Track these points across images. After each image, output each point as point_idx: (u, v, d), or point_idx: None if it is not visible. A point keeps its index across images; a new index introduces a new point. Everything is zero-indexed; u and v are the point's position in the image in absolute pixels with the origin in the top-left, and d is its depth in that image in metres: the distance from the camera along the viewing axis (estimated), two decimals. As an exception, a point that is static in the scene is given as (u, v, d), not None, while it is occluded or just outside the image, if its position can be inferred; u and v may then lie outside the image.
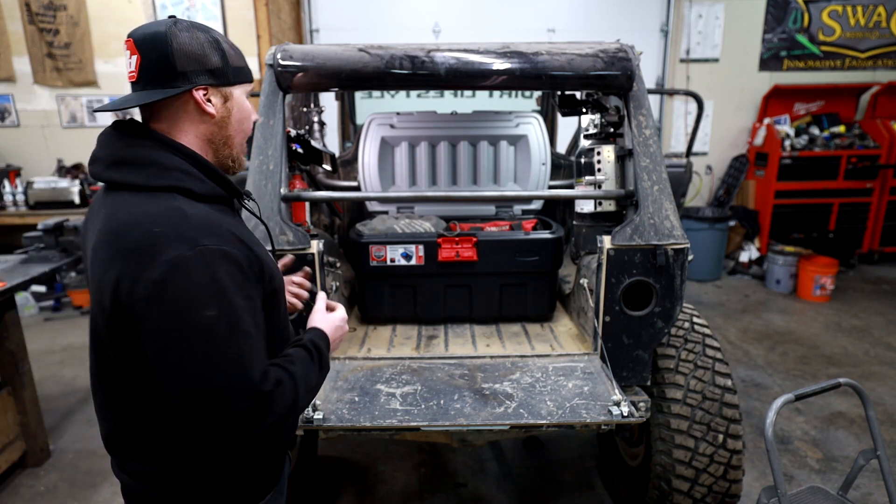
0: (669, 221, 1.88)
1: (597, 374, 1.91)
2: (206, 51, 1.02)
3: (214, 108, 1.04)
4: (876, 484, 2.59)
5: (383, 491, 2.63)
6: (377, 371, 1.96)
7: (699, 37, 6.21)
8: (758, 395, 3.46)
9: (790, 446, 2.93)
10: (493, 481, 2.69)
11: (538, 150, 2.84)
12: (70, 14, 5.54)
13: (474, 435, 1.85)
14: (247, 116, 1.12)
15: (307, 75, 1.90)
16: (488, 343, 2.25)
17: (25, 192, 5.26)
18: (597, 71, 1.93)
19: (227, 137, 1.09)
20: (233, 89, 1.07)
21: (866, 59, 6.39)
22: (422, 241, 2.29)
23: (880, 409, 3.26)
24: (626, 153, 2.07)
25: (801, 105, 6.37)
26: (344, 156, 3.34)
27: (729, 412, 1.95)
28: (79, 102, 5.81)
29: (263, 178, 1.89)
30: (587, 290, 2.10)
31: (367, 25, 5.90)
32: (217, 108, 1.05)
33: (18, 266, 2.78)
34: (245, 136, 1.13)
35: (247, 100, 1.12)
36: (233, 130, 1.10)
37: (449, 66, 1.90)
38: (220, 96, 1.05)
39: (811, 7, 6.21)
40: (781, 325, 4.60)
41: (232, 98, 1.07)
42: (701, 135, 6.37)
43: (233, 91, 1.07)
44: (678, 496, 1.99)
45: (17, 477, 2.73)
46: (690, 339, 2.07)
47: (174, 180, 0.99)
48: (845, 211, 6.02)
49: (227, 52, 1.06)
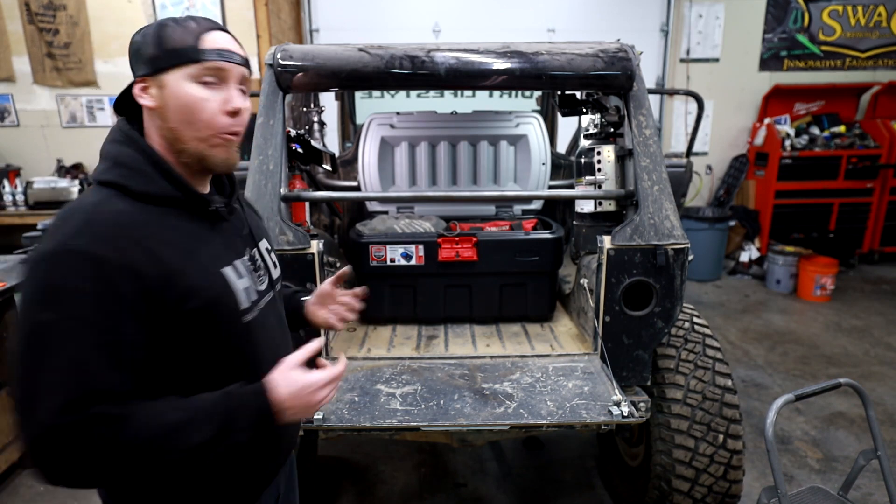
0: (669, 221, 1.88)
1: (597, 374, 1.91)
2: (147, 40, 0.94)
3: (153, 99, 0.95)
4: (876, 484, 2.59)
5: (383, 491, 2.62)
6: (377, 371, 1.95)
7: (699, 37, 6.21)
8: (758, 395, 3.46)
9: (790, 446, 2.93)
10: (493, 481, 2.69)
11: (538, 150, 2.84)
12: (70, 14, 5.53)
13: (474, 435, 1.85)
14: (190, 104, 0.94)
15: (307, 75, 1.90)
16: (488, 343, 2.25)
17: (25, 192, 5.26)
18: (597, 71, 1.92)
19: (172, 130, 0.95)
20: (166, 75, 0.93)
21: (866, 58, 6.39)
22: (422, 241, 2.29)
23: (880, 409, 3.26)
24: (626, 153, 2.06)
25: (801, 105, 6.37)
26: (344, 156, 3.34)
27: (729, 412, 1.95)
28: (79, 102, 5.81)
29: (263, 177, 1.89)
30: (587, 290, 2.10)
31: (367, 25, 5.90)
32: (155, 100, 0.95)
33: (18, 266, 2.78)
34: (200, 127, 0.95)
35: (193, 85, 0.94)
36: (174, 122, 0.95)
37: (449, 66, 1.90)
38: (156, 86, 0.94)
39: (811, 7, 6.21)
40: (781, 325, 4.60)
41: (166, 86, 0.93)
42: (701, 135, 6.37)
43: (166, 77, 0.93)
44: (678, 496, 1.99)
45: (17, 477, 2.73)
46: (690, 339, 2.07)
47: (116, 176, 0.93)
48: (845, 211, 6.02)
49: (167, 36, 0.93)
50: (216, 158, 0.98)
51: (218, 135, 0.97)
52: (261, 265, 1.12)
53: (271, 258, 1.18)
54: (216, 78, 0.95)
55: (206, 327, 0.95)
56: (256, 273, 1.09)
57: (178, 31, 0.94)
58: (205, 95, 0.94)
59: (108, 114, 5.86)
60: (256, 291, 1.07)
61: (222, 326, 0.97)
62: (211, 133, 0.96)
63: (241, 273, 1.03)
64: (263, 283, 1.10)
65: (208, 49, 0.94)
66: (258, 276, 1.09)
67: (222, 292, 0.97)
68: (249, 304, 1.02)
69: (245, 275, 1.04)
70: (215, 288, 0.96)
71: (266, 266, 1.14)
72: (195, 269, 0.94)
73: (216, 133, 0.96)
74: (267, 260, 1.16)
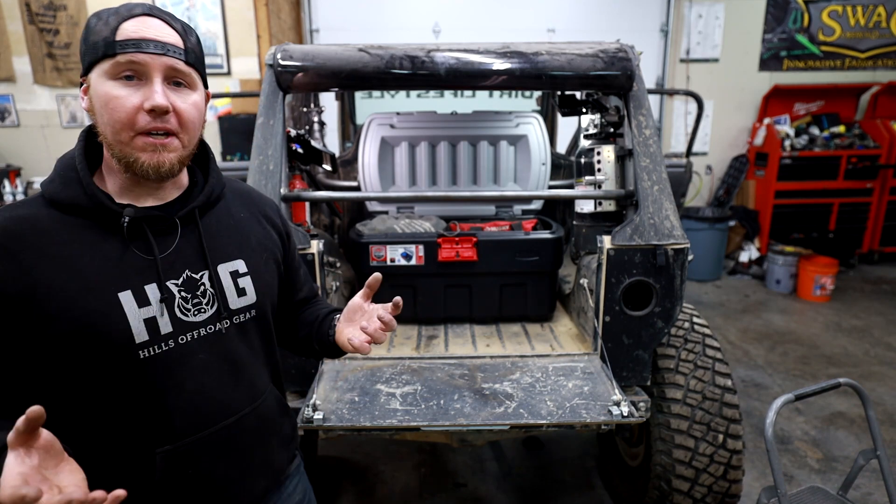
0: (669, 221, 1.88)
1: (597, 374, 1.91)
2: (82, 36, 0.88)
3: (86, 101, 0.89)
4: (876, 484, 2.59)
5: (383, 491, 2.63)
6: (377, 371, 1.96)
7: (699, 37, 6.21)
8: (758, 395, 3.46)
9: (790, 446, 2.93)
10: (493, 481, 2.69)
11: (538, 150, 2.84)
12: (70, 14, 5.54)
13: (474, 435, 1.85)
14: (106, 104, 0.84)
15: (307, 75, 1.90)
16: (488, 343, 2.25)
17: (25, 192, 5.27)
18: (597, 71, 1.93)
19: (102, 134, 0.87)
20: (91, 74, 0.86)
21: (866, 59, 6.39)
22: (422, 241, 2.29)
23: (880, 409, 3.26)
24: (626, 153, 2.07)
25: (801, 105, 6.37)
26: (344, 156, 3.35)
27: (729, 412, 1.95)
28: (79, 102, 5.81)
29: (263, 178, 1.89)
30: (587, 290, 2.10)
31: (367, 25, 5.90)
32: (87, 101, 0.89)
33: None
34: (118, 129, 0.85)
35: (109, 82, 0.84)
36: (101, 124, 0.86)
37: (449, 66, 1.90)
38: (88, 86, 0.88)
39: (811, 7, 6.21)
40: (781, 325, 4.60)
41: (91, 85, 0.86)
42: (701, 135, 6.37)
43: (91, 76, 0.86)
44: (678, 496, 1.99)
45: (17, 477, 2.73)
46: (690, 339, 2.07)
47: (45, 182, 0.91)
48: (845, 211, 6.02)
49: (90, 29, 0.85)
50: (142, 164, 0.86)
51: (139, 136, 0.85)
52: (205, 292, 0.96)
53: (239, 283, 1.01)
54: (133, 72, 0.84)
55: (78, 357, 0.85)
56: (192, 300, 0.94)
57: (99, 24, 0.84)
58: (120, 93, 0.84)
59: (108, 114, 5.87)
60: (180, 323, 0.92)
61: (100, 359, 0.86)
62: (131, 135, 0.85)
63: (147, 300, 0.88)
64: (201, 314, 0.95)
65: (122, 40, 0.83)
66: (194, 303, 0.94)
67: (105, 320, 0.85)
68: (149, 336, 0.88)
69: (155, 303, 0.89)
70: (95, 314, 0.84)
71: (218, 293, 0.97)
72: (75, 290, 0.84)
73: (136, 134, 0.85)
74: (224, 286, 0.98)
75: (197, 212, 0.97)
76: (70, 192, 0.87)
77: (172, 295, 0.92)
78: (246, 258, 1.03)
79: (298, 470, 1.22)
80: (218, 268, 0.98)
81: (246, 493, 1.03)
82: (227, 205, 1.06)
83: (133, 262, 0.89)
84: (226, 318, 0.98)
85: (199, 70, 0.93)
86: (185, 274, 0.94)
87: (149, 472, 0.91)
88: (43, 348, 0.84)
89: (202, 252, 0.96)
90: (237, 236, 1.04)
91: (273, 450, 1.09)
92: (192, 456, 0.94)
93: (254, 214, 1.11)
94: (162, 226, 0.93)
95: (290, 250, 1.19)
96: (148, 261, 0.90)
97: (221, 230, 1.02)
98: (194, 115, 0.91)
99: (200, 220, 0.97)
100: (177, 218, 0.94)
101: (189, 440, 0.93)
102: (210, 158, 1.04)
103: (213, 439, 0.96)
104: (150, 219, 0.91)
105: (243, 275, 1.02)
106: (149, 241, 0.91)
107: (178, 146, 0.89)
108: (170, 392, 0.91)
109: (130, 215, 0.88)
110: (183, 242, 0.95)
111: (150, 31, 0.85)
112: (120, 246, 0.89)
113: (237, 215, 1.07)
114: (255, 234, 1.08)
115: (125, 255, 0.89)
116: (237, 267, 1.01)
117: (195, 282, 0.95)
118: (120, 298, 0.87)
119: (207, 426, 0.95)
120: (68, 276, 0.84)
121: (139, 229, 0.90)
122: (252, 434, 1.02)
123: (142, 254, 0.90)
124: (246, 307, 1.02)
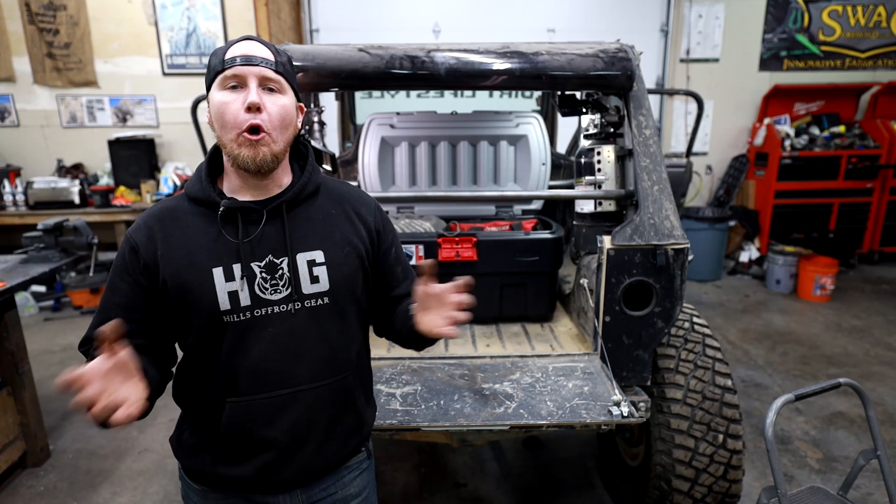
0: (669, 221, 1.88)
1: (597, 374, 1.91)
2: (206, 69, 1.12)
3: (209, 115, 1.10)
4: (876, 484, 2.59)
5: (383, 491, 2.62)
6: (377, 371, 1.95)
7: (699, 37, 6.22)
8: (758, 395, 3.46)
9: (790, 446, 2.93)
10: (493, 481, 2.69)
11: (538, 150, 2.84)
12: (70, 14, 5.54)
13: (474, 435, 1.85)
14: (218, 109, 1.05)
15: (307, 75, 1.90)
16: (488, 343, 2.25)
17: (25, 192, 5.26)
18: (597, 71, 1.93)
19: (218, 138, 1.08)
20: (211, 92, 1.08)
21: (866, 59, 6.39)
22: (422, 241, 2.29)
23: (880, 409, 3.26)
24: (626, 153, 2.06)
25: (801, 105, 6.37)
26: (344, 156, 3.34)
27: (729, 412, 1.95)
28: (79, 102, 5.81)
29: (263, 178, 1.89)
30: (587, 290, 2.10)
31: (367, 25, 5.90)
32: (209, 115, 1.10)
33: (18, 266, 2.77)
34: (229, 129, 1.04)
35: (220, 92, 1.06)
36: (217, 130, 1.07)
37: (449, 66, 1.90)
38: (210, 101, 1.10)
39: (811, 7, 6.21)
40: (781, 325, 4.60)
41: (210, 100, 1.09)
42: (701, 135, 6.37)
43: (210, 93, 1.08)
44: (678, 496, 1.99)
45: (17, 477, 2.73)
46: (690, 339, 2.07)
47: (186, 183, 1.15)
48: (845, 211, 6.02)
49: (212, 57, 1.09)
50: (243, 158, 1.04)
51: (242, 133, 1.03)
52: (283, 275, 1.10)
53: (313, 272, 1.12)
54: (236, 81, 1.05)
55: (183, 314, 1.08)
56: (270, 281, 1.09)
57: (219, 51, 1.07)
58: (227, 98, 1.04)
59: (108, 114, 5.87)
60: (257, 298, 1.08)
61: (197, 318, 1.07)
62: (237, 132, 1.04)
63: (233, 276, 1.07)
64: (276, 294, 1.09)
65: (229, 58, 1.05)
66: (272, 284, 1.09)
67: (200, 289, 1.06)
68: (231, 306, 1.06)
69: (237, 279, 1.07)
70: (194, 283, 1.06)
71: (293, 277, 1.10)
72: (184, 263, 1.06)
73: (240, 131, 1.03)
74: (300, 272, 1.11)
75: (284, 206, 1.12)
76: (195, 188, 1.11)
77: (254, 274, 1.08)
78: (325, 249, 1.14)
79: (361, 466, 1.27)
80: (297, 256, 1.11)
81: (294, 464, 1.14)
82: (319, 202, 1.18)
83: (226, 244, 1.08)
84: (297, 300, 1.11)
85: (290, 80, 1.11)
86: (269, 258, 1.10)
87: (219, 415, 1.10)
88: (164, 303, 1.09)
89: (284, 240, 1.11)
90: (321, 229, 1.16)
91: (329, 434, 1.17)
92: (249, 412, 1.09)
93: (345, 211, 1.21)
94: (254, 216, 1.09)
95: (380, 247, 1.26)
96: (236, 244, 1.08)
97: (307, 223, 1.15)
98: (283, 114, 1.07)
99: (287, 214, 1.12)
100: (265, 210, 1.09)
101: (247, 398, 1.09)
102: (308, 162, 1.19)
103: (269, 403, 1.10)
104: (244, 209, 1.09)
105: (320, 264, 1.13)
106: (239, 227, 1.08)
107: (270, 141, 1.05)
108: (239, 354, 1.08)
109: (225, 205, 1.07)
110: (271, 231, 1.10)
111: (249, 50, 1.06)
112: (218, 230, 1.08)
113: (327, 211, 1.18)
114: (341, 229, 1.18)
115: (219, 238, 1.08)
116: (315, 257, 1.13)
117: (275, 265, 1.10)
118: (213, 273, 1.06)
119: (265, 390, 1.10)
120: (181, 252, 1.07)
121: (233, 217, 1.08)
122: (307, 411, 1.12)
123: (231, 238, 1.08)
124: (318, 293, 1.13)
